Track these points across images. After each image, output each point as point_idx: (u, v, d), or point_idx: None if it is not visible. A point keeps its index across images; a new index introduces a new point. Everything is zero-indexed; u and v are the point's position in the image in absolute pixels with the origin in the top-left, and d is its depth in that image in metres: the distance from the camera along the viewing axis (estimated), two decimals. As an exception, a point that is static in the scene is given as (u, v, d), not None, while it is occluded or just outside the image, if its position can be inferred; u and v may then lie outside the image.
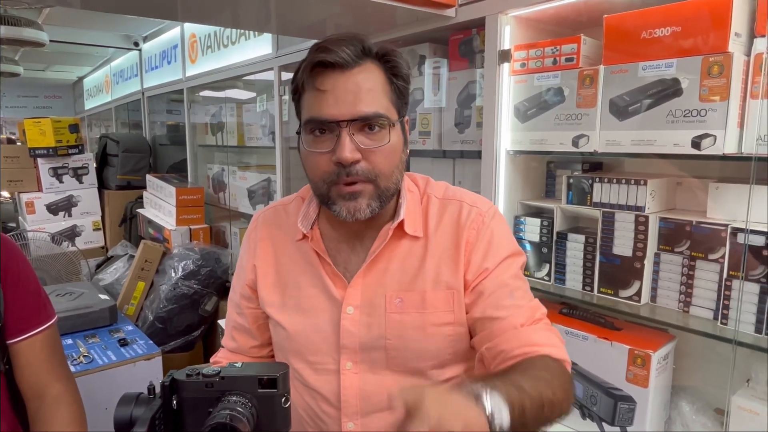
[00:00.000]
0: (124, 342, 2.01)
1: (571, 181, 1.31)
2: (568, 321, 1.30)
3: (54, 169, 3.47)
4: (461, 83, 1.56)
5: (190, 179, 3.41)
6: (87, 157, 3.60)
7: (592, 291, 1.27)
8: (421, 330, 0.83)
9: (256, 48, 2.47)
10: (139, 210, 3.44)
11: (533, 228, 1.40)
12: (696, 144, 1.03)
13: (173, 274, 2.71)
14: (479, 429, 0.54)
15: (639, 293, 1.19)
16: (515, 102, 1.35)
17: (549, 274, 1.37)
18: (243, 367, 0.64)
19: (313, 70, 0.76)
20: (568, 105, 1.24)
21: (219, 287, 2.84)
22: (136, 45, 4.06)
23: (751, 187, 1.01)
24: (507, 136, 1.38)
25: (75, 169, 3.54)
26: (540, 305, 0.83)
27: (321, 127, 0.76)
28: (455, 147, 1.61)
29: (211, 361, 1.00)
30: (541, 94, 1.29)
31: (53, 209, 3.48)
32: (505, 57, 1.34)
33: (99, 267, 3.32)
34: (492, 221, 0.85)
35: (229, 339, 1.00)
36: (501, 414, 0.57)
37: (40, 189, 3.47)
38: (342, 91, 0.75)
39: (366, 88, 0.75)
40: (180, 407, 0.63)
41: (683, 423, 1.19)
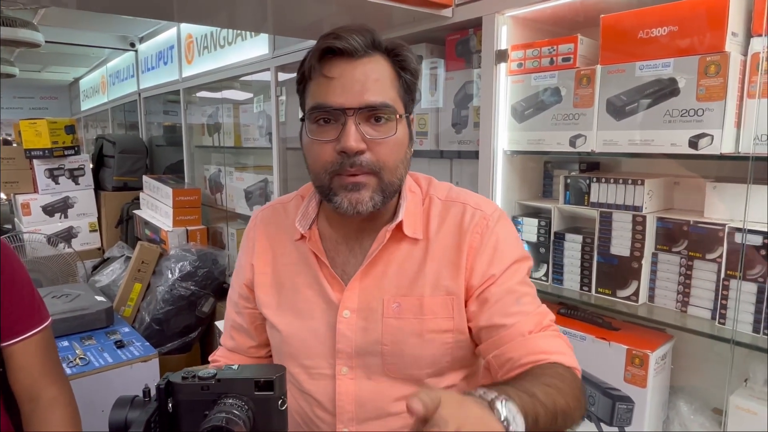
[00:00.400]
0: (120, 344, 2.00)
1: (569, 181, 1.31)
2: (565, 321, 1.30)
3: (50, 171, 3.46)
4: (458, 83, 1.56)
5: (186, 180, 3.40)
6: (83, 159, 3.58)
7: (589, 291, 1.27)
8: (419, 336, 0.80)
9: (252, 48, 2.46)
10: (136, 211, 3.43)
11: (531, 228, 1.39)
12: (693, 144, 1.03)
13: (170, 275, 2.70)
14: None
15: (637, 293, 1.19)
16: (512, 102, 1.35)
17: (547, 274, 1.36)
18: (239, 370, 0.64)
19: (322, 56, 0.74)
20: (565, 105, 1.24)
21: (216, 288, 2.83)
22: (132, 46, 4.05)
23: (749, 187, 1.01)
24: (504, 136, 1.38)
25: (71, 171, 3.53)
26: (548, 311, 0.80)
27: (326, 116, 0.74)
28: (452, 147, 1.61)
29: (210, 360, 0.99)
30: (538, 94, 1.29)
31: (49, 211, 3.47)
32: (502, 57, 1.33)
33: (95, 268, 3.31)
34: (497, 225, 0.82)
35: (228, 338, 0.99)
36: (516, 422, 0.55)
37: (35, 190, 3.45)
38: (350, 79, 0.73)
39: (374, 78, 0.74)
40: (176, 410, 0.62)
41: (681, 423, 1.19)
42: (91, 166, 3.69)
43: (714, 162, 1.17)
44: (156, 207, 3.19)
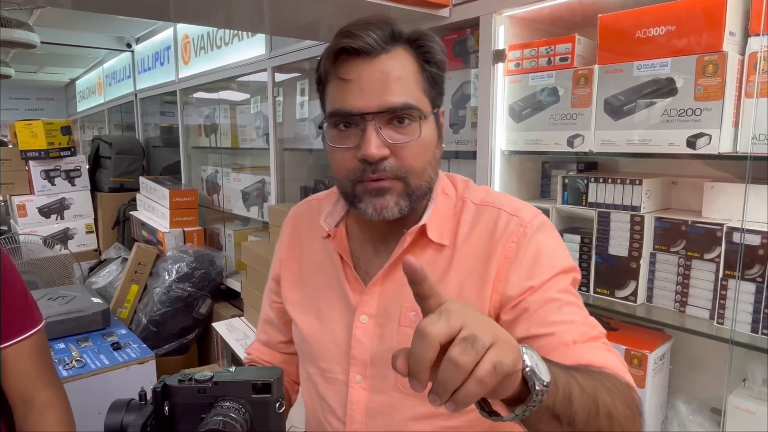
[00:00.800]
0: (117, 346, 1.99)
1: (567, 182, 1.30)
2: (564, 321, 1.30)
3: (46, 172, 3.44)
4: (455, 83, 1.56)
5: (183, 181, 3.39)
6: (79, 160, 3.57)
7: (588, 291, 1.27)
8: None
9: (249, 49, 2.45)
10: (133, 212, 3.42)
11: (529, 228, 1.39)
12: (691, 143, 1.03)
13: (167, 276, 2.69)
14: (512, 355, 0.46)
15: (635, 293, 1.19)
16: (510, 102, 1.35)
17: (545, 274, 1.36)
18: (236, 372, 0.63)
19: (337, 57, 0.69)
20: (562, 105, 1.23)
21: (213, 290, 2.82)
22: (128, 46, 4.04)
23: (747, 187, 1.01)
24: (502, 136, 1.37)
25: (67, 172, 3.52)
26: (597, 324, 0.70)
27: (345, 121, 0.70)
28: (450, 147, 1.60)
29: (246, 352, 0.99)
30: (536, 94, 1.29)
31: (45, 212, 3.46)
32: (500, 57, 1.33)
33: (92, 270, 3.30)
34: (537, 233, 0.73)
35: (261, 331, 0.98)
36: (539, 370, 0.49)
37: (31, 192, 3.44)
38: (368, 81, 0.68)
39: (395, 76, 0.68)
40: (172, 413, 0.61)
41: (680, 423, 1.19)
42: (88, 167, 3.68)
43: (712, 162, 1.17)
44: (153, 208, 3.18)
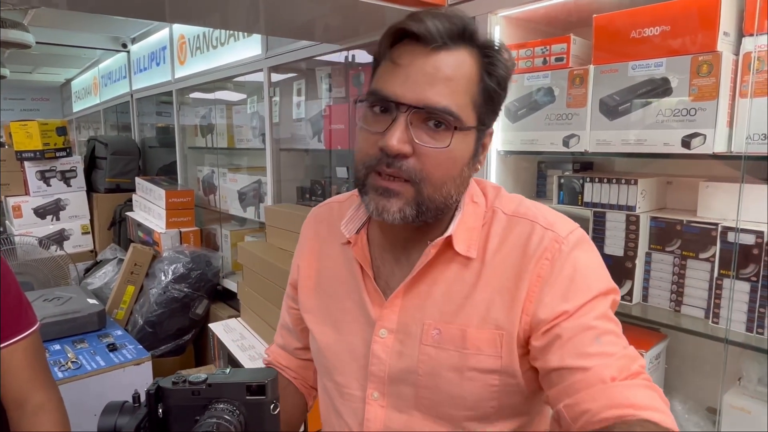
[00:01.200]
0: (113, 347, 1.98)
1: (562, 181, 1.31)
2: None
3: (41, 173, 3.43)
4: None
5: (179, 182, 3.38)
6: (75, 160, 3.56)
7: (583, 291, 1.27)
8: (458, 372, 0.69)
9: (245, 49, 2.45)
10: (129, 213, 3.41)
11: (525, 228, 1.39)
12: (686, 143, 1.03)
13: (163, 277, 2.68)
14: None
15: (630, 293, 1.19)
16: (505, 102, 1.35)
17: (541, 274, 1.36)
18: (231, 374, 0.63)
19: (396, 39, 0.66)
20: (558, 105, 1.24)
21: (210, 290, 2.81)
22: (124, 46, 4.02)
23: (742, 186, 1.01)
24: (497, 136, 1.37)
25: (63, 172, 3.50)
26: (638, 356, 0.65)
27: (382, 105, 0.65)
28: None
29: (265, 353, 0.98)
30: (532, 94, 1.29)
31: (41, 213, 3.44)
32: (495, 57, 1.33)
33: (88, 271, 3.28)
34: (574, 250, 0.68)
35: (278, 335, 0.96)
36: None
37: (27, 192, 3.43)
38: (416, 71, 0.63)
39: (445, 75, 0.63)
40: (166, 416, 0.61)
41: (676, 422, 1.19)
42: (83, 167, 3.67)
43: (707, 161, 1.17)
44: (149, 209, 3.17)
